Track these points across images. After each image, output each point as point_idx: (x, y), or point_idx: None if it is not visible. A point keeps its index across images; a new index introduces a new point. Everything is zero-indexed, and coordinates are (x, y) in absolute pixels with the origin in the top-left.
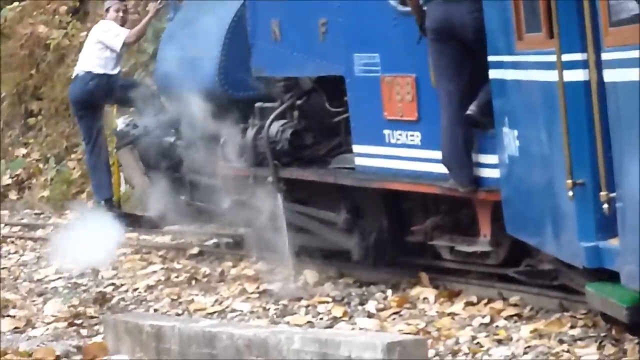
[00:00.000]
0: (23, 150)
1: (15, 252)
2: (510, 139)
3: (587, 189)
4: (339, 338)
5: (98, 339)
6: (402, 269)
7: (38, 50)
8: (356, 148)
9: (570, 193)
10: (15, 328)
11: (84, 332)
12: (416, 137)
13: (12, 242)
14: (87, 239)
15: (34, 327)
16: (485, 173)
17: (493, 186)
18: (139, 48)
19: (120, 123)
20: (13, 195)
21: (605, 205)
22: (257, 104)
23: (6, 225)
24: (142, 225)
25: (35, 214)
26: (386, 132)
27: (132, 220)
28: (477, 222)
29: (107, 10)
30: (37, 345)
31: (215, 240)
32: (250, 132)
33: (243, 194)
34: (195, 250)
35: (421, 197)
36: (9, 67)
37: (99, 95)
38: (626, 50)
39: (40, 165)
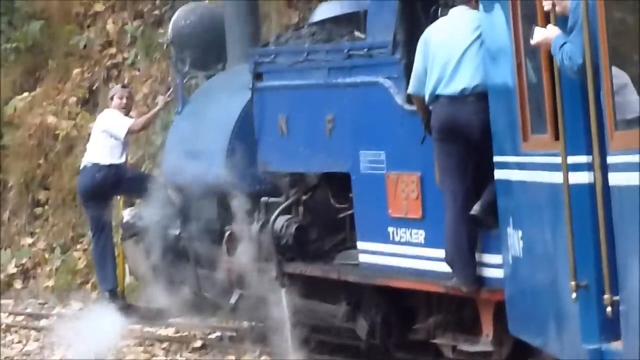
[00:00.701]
0: (29, 240)
1: (19, 342)
2: (515, 239)
3: (591, 291)
4: None
5: None
6: None
7: (47, 140)
8: (360, 244)
9: (574, 295)
10: None
11: None
12: (420, 235)
13: (16, 331)
14: (90, 330)
15: None
16: (489, 273)
17: (496, 286)
18: (147, 140)
19: (126, 214)
20: (18, 284)
21: (609, 308)
22: (263, 199)
23: (10, 314)
24: (145, 317)
25: (40, 303)
26: (390, 229)
27: (136, 312)
28: (479, 321)
29: (112, 98)
30: None
31: (218, 333)
32: (256, 226)
33: (247, 288)
34: (198, 344)
35: (425, 295)
36: (17, 156)
37: (106, 187)
38: (631, 154)
39: (46, 255)
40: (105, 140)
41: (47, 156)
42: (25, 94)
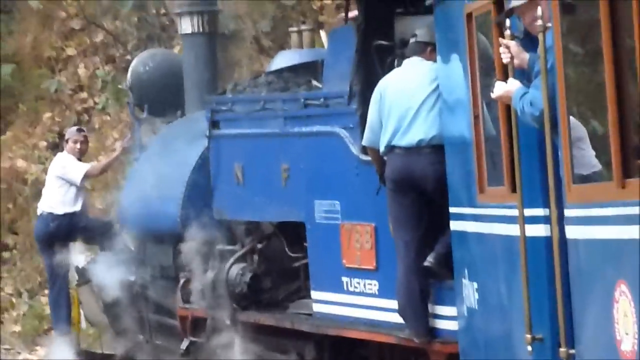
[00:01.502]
0: None
1: None
2: (470, 291)
3: (547, 344)
4: None
5: None
6: None
7: (16, 184)
8: (314, 294)
9: (529, 348)
10: None
11: None
12: (374, 285)
13: None
14: None
15: None
16: (442, 324)
17: (448, 337)
18: (118, 186)
19: (82, 260)
20: None
21: None
22: (218, 247)
23: None
24: None
25: (5, 349)
26: (345, 279)
27: (90, 358)
28: None
29: (67, 141)
30: None
31: None
32: (210, 274)
33: (201, 335)
34: None
35: (378, 346)
36: None
37: (61, 236)
38: (588, 208)
39: (13, 300)
40: (59, 188)
41: (16, 200)
42: None
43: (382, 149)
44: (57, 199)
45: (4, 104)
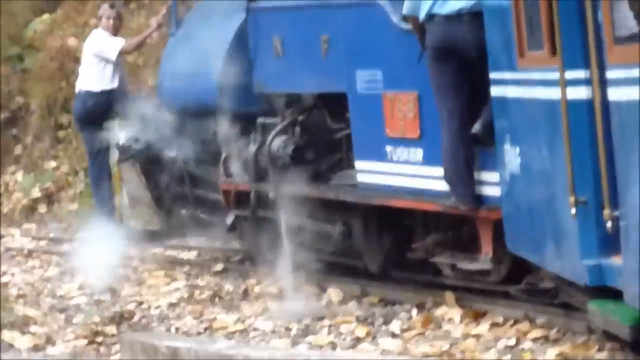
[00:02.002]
0: (52, 163)
1: (40, 267)
2: (512, 156)
3: (590, 207)
4: None
5: (116, 358)
6: (428, 288)
7: (68, 62)
8: (358, 164)
9: (573, 211)
10: (35, 346)
11: (103, 350)
12: (418, 154)
13: (37, 256)
14: (92, 255)
15: (53, 345)
16: (487, 191)
17: (494, 204)
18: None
19: (122, 137)
20: (42, 208)
21: (609, 224)
22: (259, 120)
23: (33, 239)
24: (144, 239)
25: (63, 228)
26: (388, 148)
27: (134, 235)
28: (478, 239)
29: (100, 18)
30: None
31: (240, 257)
32: (252, 148)
33: (245, 209)
34: (219, 267)
35: (423, 214)
36: (39, 79)
37: (99, 113)
38: (630, 68)
39: (70, 178)
40: (96, 65)
41: (69, 79)
42: (46, 16)
43: (422, 17)
44: (93, 76)
45: None
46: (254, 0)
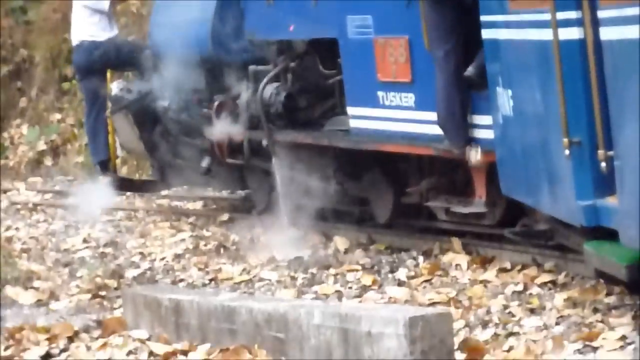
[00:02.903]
0: (58, 116)
1: (45, 221)
2: (504, 99)
3: (584, 148)
4: (360, 312)
5: (119, 312)
6: (435, 234)
7: (71, 13)
8: (350, 110)
9: (567, 152)
10: (38, 301)
11: (107, 305)
12: (410, 98)
13: (43, 210)
14: (86, 206)
15: (57, 300)
16: (480, 134)
17: (488, 147)
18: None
19: (115, 88)
20: (48, 161)
21: (603, 164)
22: (251, 67)
23: (38, 192)
24: (137, 189)
25: (69, 180)
26: (380, 94)
27: (127, 184)
28: (472, 183)
29: None
30: (57, 320)
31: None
32: (244, 96)
33: (238, 157)
34: (225, 217)
35: (416, 159)
36: (42, 31)
37: (104, 62)
38: (622, 8)
39: (75, 131)
40: (92, 18)
41: None
42: None
43: None
44: (94, 28)
45: None
46: None
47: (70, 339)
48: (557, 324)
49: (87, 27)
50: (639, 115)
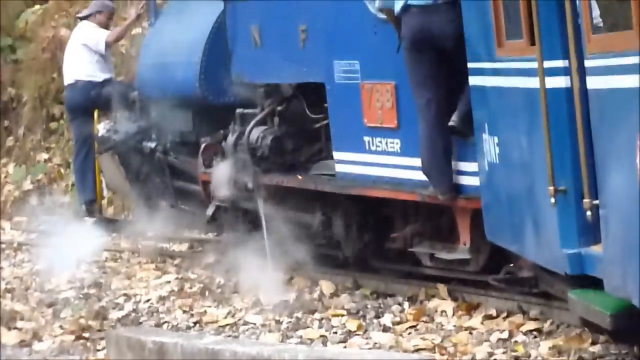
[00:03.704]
0: (45, 155)
1: (29, 261)
2: (490, 145)
3: (570, 196)
4: (345, 357)
5: (103, 354)
6: (420, 279)
7: (60, 53)
8: (336, 155)
9: (552, 200)
10: (21, 341)
11: (90, 346)
12: (396, 144)
13: (27, 249)
14: (71, 246)
15: (40, 341)
16: (465, 180)
17: (472, 193)
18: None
19: (101, 128)
20: (34, 200)
21: (589, 212)
22: (238, 110)
23: (24, 231)
24: (122, 230)
25: (54, 220)
26: (366, 139)
27: (113, 225)
28: (456, 229)
29: (96, 13)
30: None
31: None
32: (231, 138)
33: (224, 200)
34: (210, 259)
35: (401, 204)
36: (30, 70)
37: (98, 102)
38: (609, 57)
39: (62, 170)
40: (89, 56)
41: (61, 70)
42: (37, 6)
43: (397, 9)
44: (91, 66)
45: None
46: None
47: None
48: None
49: (84, 66)
50: (624, 164)
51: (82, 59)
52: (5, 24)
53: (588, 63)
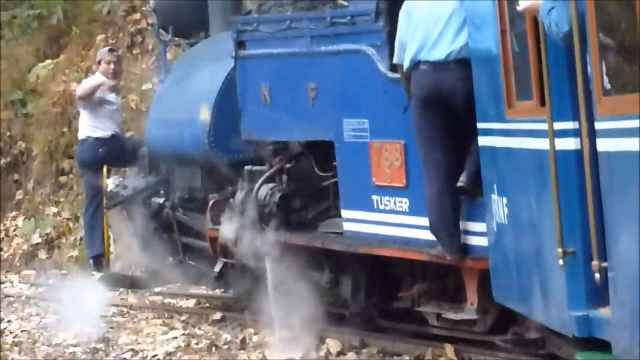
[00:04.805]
0: (53, 209)
1: (37, 314)
2: (499, 206)
3: (578, 258)
4: None
5: None
6: (427, 339)
7: (70, 108)
8: (344, 213)
9: (561, 262)
10: None
11: None
12: (405, 203)
13: (35, 303)
14: (79, 301)
15: None
16: (473, 241)
17: (480, 254)
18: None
19: (110, 183)
20: (42, 254)
21: (597, 275)
22: (246, 167)
23: (32, 285)
24: (130, 285)
25: (62, 274)
26: (375, 197)
27: (121, 281)
28: (464, 289)
29: (99, 62)
30: None
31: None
32: (239, 195)
33: (231, 256)
34: (217, 316)
35: (409, 264)
36: (41, 124)
37: (107, 158)
38: (619, 120)
39: (71, 224)
40: (99, 112)
41: (71, 124)
42: (48, 61)
43: (406, 65)
44: (99, 122)
45: (56, 28)
46: (242, 48)
47: None
48: None
49: (92, 122)
50: (633, 227)
51: (90, 115)
52: (17, 77)
53: (598, 125)
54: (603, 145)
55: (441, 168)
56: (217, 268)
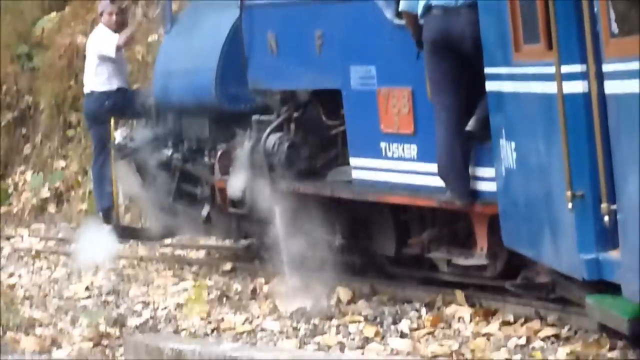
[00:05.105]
0: (62, 163)
1: (48, 268)
2: (507, 151)
3: (587, 201)
4: None
5: None
6: (437, 285)
7: (76, 60)
8: (353, 161)
9: (570, 205)
10: (40, 348)
11: (109, 353)
12: (413, 150)
13: (45, 257)
14: (89, 254)
15: (59, 348)
16: (482, 186)
17: (490, 199)
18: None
19: (118, 136)
20: (52, 208)
21: (606, 217)
22: (254, 117)
23: (42, 239)
24: (139, 237)
25: (72, 227)
26: (383, 145)
27: (129, 233)
28: (473, 234)
29: (101, 14)
30: None
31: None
32: (247, 145)
33: (240, 207)
34: (228, 267)
35: (418, 210)
36: (47, 77)
37: (115, 112)
38: (627, 62)
39: (79, 178)
40: (103, 66)
41: (78, 77)
42: (54, 13)
43: (420, 10)
44: (104, 75)
45: None
46: None
47: None
48: None
49: (99, 76)
50: None
51: (96, 69)
52: (22, 31)
53: (606, 67)
54: (611, 87)
55: (452, 113)
56: (205, 212)
